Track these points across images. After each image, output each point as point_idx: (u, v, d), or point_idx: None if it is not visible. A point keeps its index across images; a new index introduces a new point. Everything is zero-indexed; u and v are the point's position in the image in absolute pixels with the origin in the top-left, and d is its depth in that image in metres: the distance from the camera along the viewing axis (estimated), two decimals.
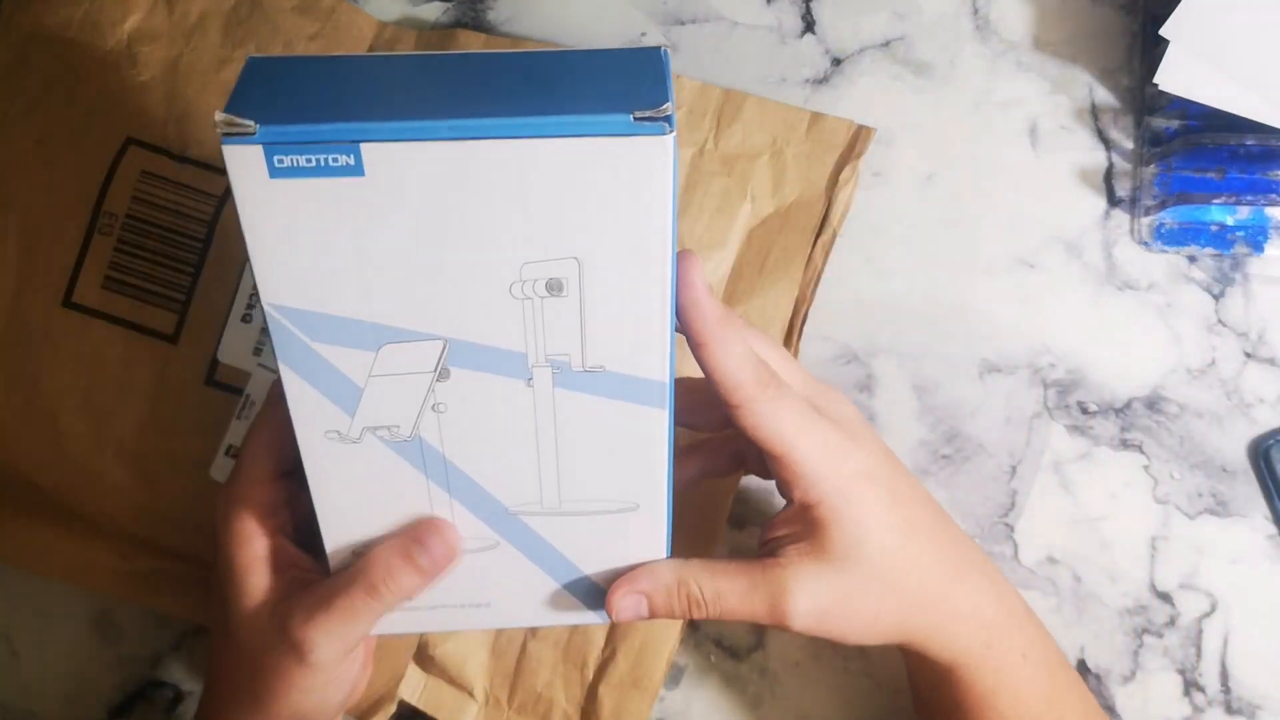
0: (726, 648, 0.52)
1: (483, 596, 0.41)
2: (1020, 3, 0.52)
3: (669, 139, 0.32)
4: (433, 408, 0.37)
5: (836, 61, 0.53)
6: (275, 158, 0.31)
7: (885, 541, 0.40)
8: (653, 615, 0.40)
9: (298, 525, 0.42)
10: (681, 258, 0.36)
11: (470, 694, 0.51)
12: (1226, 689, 0.50)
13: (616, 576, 0.41)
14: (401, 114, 0.32)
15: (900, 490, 0.41)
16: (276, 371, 0.36)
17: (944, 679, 0.42)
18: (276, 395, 0.40)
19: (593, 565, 0.41)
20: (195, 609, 0.52)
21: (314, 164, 0.32)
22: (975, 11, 0.53)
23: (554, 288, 0.34)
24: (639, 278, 0.34)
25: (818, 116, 0.51)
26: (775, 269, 0.51)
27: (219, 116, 0.31)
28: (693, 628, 0.52)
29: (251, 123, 0.31)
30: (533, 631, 0.51)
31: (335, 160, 0.32)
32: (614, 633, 0.50)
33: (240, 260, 0.51)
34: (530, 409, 0.37)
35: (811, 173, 0.51)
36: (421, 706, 0.51)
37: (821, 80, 0.53)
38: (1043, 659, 0.43)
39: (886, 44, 0.53)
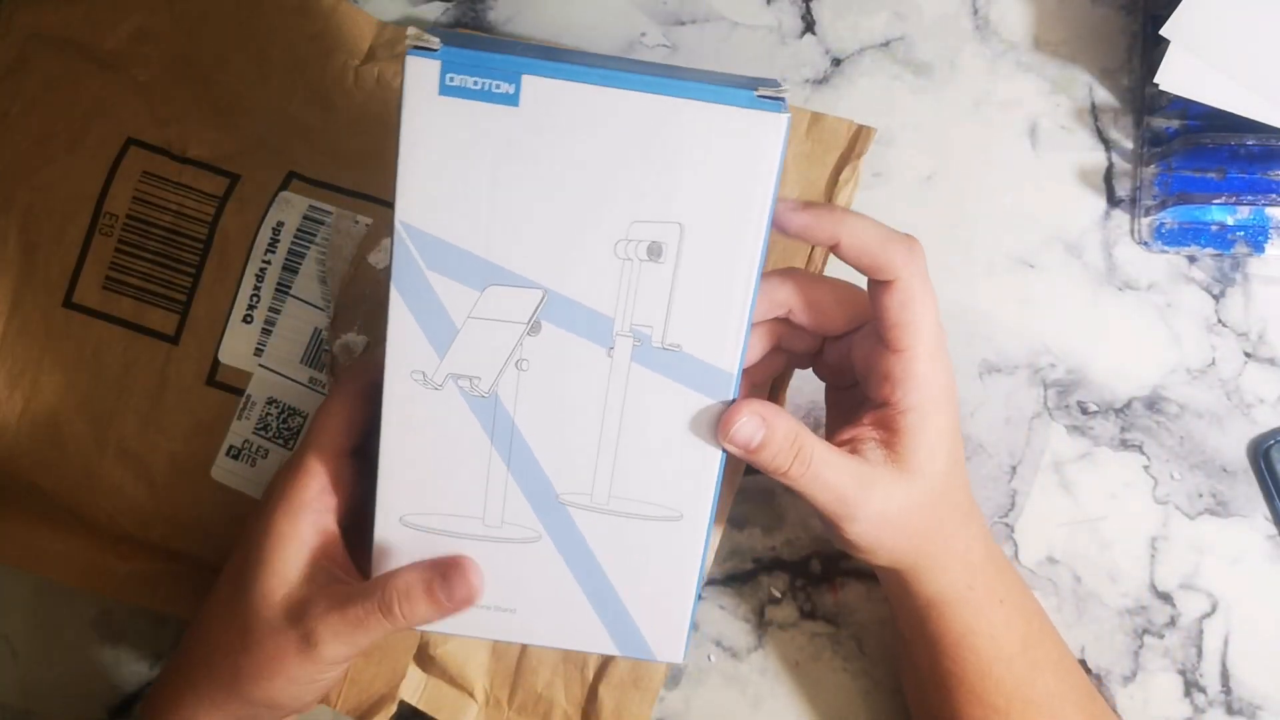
0: (726, 648, 0.52)
1: (511, 601, 0.41)
2: (1020, 3, 0.52)
3: (784, 117, 0.36)
4: (516, 364, 0.38)
5: (836, 61, 0.53)
6: (448, 75, 0.35)
7: (944, 466, 0.41)
8: (760, 449, 0.39)
9: (348, 509, 0.43)
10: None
11: (471, 694, 0.51)
12: (1227, 689, 0.50)
13: (641, 605, 0.41)
14: (560, 61, 0.36)
15: (956, 419, 0.42)
16: (282, 374, 0.36)
17: (925, 615, 0.44)
18: (359, 366, 0.41)
19: (624, 580, 0.41)
20: (195, 609, 0.52)
21: (479, 87, 0.35)
22: (975, 11, 0.53)
23: (654, 252, 0.37)
24: (731, 253, 0.37)
25: (818, 116, 0.51)
26: (776, 269, 0.51)
27: (412, 31, 0.35)
28: (693, 628, 0.52)
29: (437, 40, 0.35)
30: None
31: (498, 87, 0.35)
32: None
33: (241, 261, 0.51)
34: (605, 380, 0.39)
35: (812, 173, 0.51)
36: (422, 707, 0.51)
37: (821, 80, 0.53)
38: (1019, 606, 0.45)
39: (886, 44, 0.53)
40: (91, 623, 0.54)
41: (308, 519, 0.41)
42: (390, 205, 0.51)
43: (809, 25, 0.53)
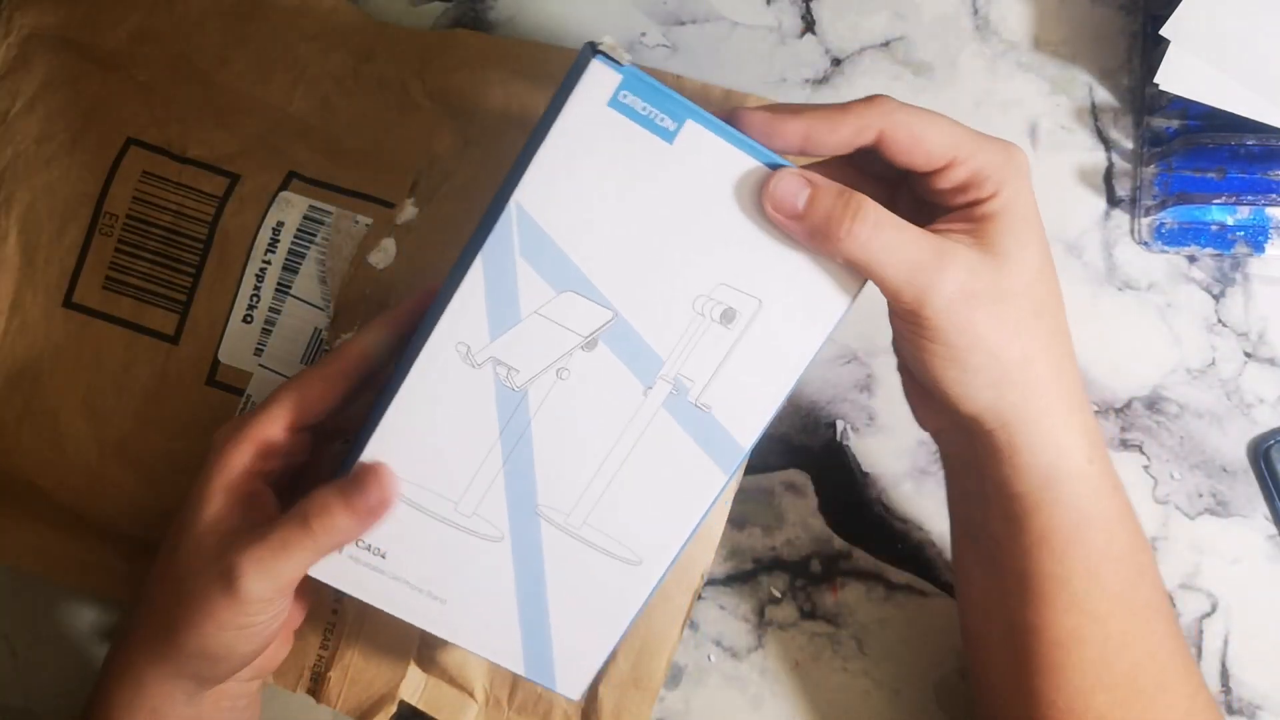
0: (726, 648, 0.52)
1: (446, 591, 0.41)
2: (1020, 3, 0.52)
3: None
4: (558, 371, 0.39)
5: (836, 61, 0.53)
6: (623, 92, 0.36)
7: (1037, 261, 0.37)
8: (809, 210, 0.36)
9: (289, 479, 0.42)
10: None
11: (470, 694, 0.51)
12: (1227, 689, 0.50)
13: (565, 635, 0.41)
14: (725, 126, 0.37)
15: (1051, 263, 0.38)
16: (282, 374, 0.36)
17: (1036, 499, 0.38)
18: (337, 353, 0.41)
19: (561, 605, 0.41)
20: None
21: (645, 113, 0.36)
22: (975, 11, 0.53)
23: (728, 317, 0.39)
24: (791, 346, 0.39)
25: None
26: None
27: (609, 39, 0.36)
28: (693, 628, 0.52)
29: (629, 57, 0.36)
30: None
31: (661, 120, 0.37)
32: None
33: (241, 261, 0.51)
34: (631, 414, 0.40)
35: None
36: (422, 707, 0.51)
37: (821, 80, 0.53)
38: (1125, 498, 0.39)
39: (886, 44, 0.53)
40: (91, 623, 0.54)
41: (240, 477, 0.40)
42: (389, 205, 0.51)
43: (809, 25, 0.53)
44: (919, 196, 0.39)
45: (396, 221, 0.51)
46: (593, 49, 0.36)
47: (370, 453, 0.40)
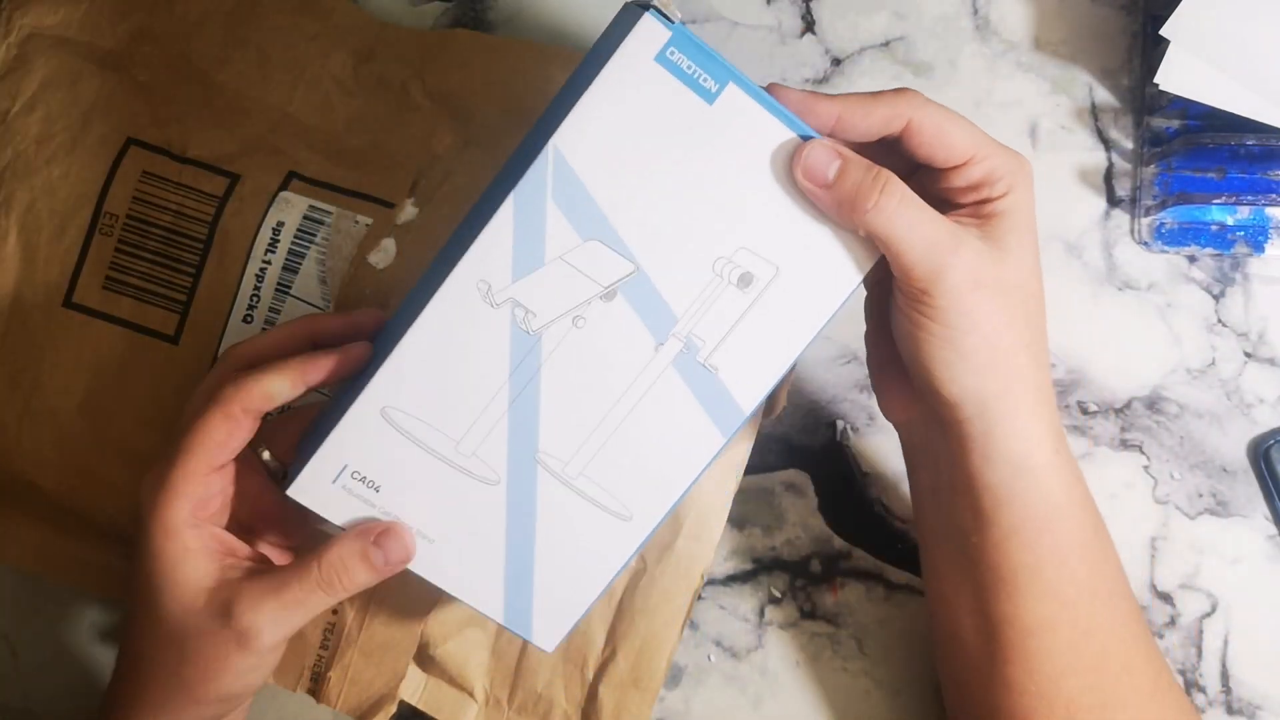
0: (726, 648, 0.52)
1: (435, 530, 0.41)
2: (1020, 3, 0.52)
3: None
4: (574, 318, 0.39)
5: (836, 61, 0.53)
6: (670, 48, 0.36)
7: (1033, 264, 0.39)
8: (839, 180, 0.37)
9: (235, 513, 0.43)
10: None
11: (470, 694, 0.51)
12: (1227, 689, 0.50)
13: (547, 586, 0.41)
14: (764, 94, 0.38)
15: (1040, 275, 0.40)
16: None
17: (1008, 489, 0.39)
18: (239, 387, 0.40)
19: (547, 554, 0.41)
20: None
21: (690, 71, 0.37)
22: (975, 11, 0.53)
23: (745, 281, 0.39)
24: (804, 315, 0.40)
25: None
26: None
27: None
28: (693, 628, 0.52)
29: (679, 15, 0.37)
30: None
31: (705, 80, 0.37)
32: (614, 633, 0.50)
33: (241, 261, 0.51)
34: (640, 368, 0.40)
35: None
36: (422, 707, 0.51)
37: (821, 80, 0.53)
38: (1085, 489, 0.41)
39: (886, 44, 0.53)
40: (91, 623, 0.54)
41: (191, 534, 0.40)
42: (389, 205, 0.51)
43: (809, 25, 0.53)
44: (929, 191, 0.39)
45: (396, 221, 0.51)
46: (641, 4, 0.36)
47: (380, 380, 0.39)
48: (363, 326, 0.44)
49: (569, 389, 0.40)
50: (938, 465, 0.42)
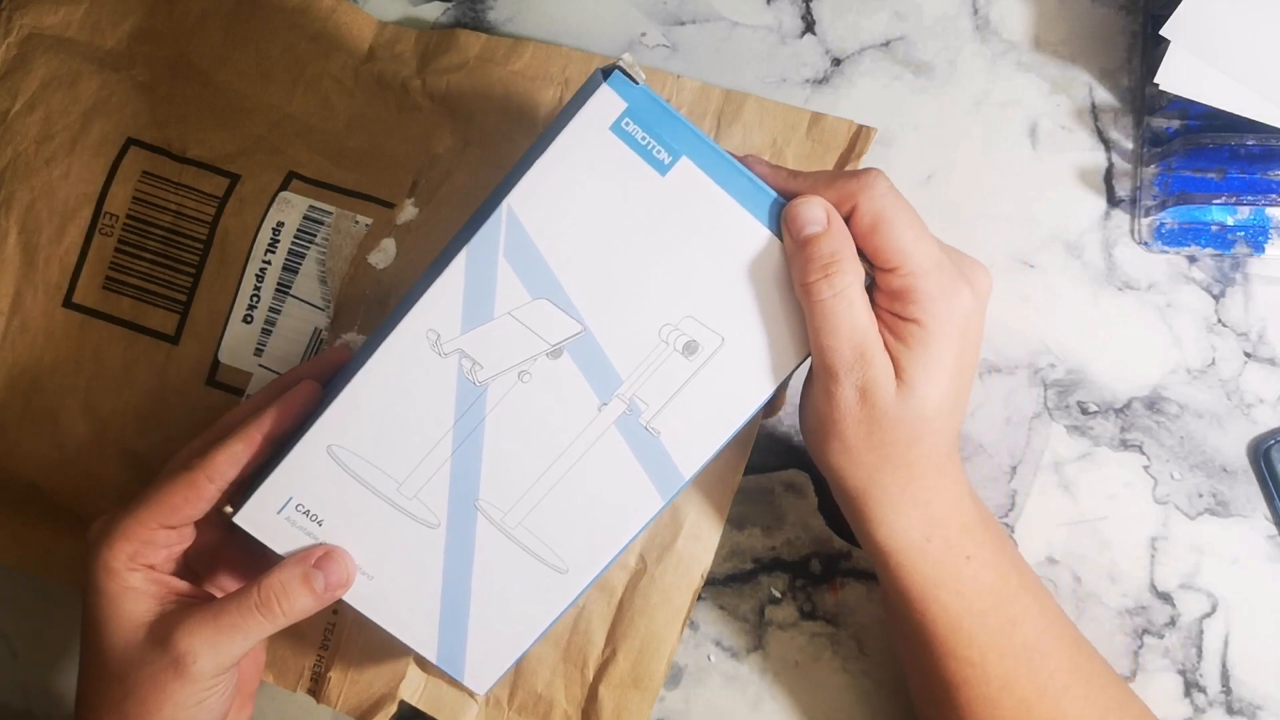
0: (726, 648, 0.52)
1: (375, 567, 0.42)
2: (1020, 3, 0.52)
3: None
4: (519, 373, 0.40)
5: (836, 61, 0.53)
6: (626, 119, 0.38)
7: (938, 399, 0.40)
8: (820, 239, 0.38)
9: (181, 563, 0.43)
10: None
11: (470, 694, 0.51)
12: (1227, 689, 0.50)
13: (481, 630, 0.42)
14: (719, 166, 0.39)
15: (970, 356, 0.41)
16: (277, 372, 0.36)
17: (883, 563, 0.43)
18: (207, 460, 0.41)
19: (483, 601, 0.42)
20: None
21: (644, 142, 0.38)
22: (975, 11, 0.53)
23: (690, 349, 0.40)
24: (746, 389, 0.40)
25: (818, 117, 0.51)
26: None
27: (629, 58, 0.38)
28: (693, 628, 0.52)
29: (643, 78, 0.38)
30: None
31: (659, 152, 0.38)
32: (614, 633, 0.50)
33: (241, 261, 0.51)
34: (582, 427, 0.41)
35: None
36: (422, 707, 0.51)
37: (821, 80, 0.53)
38: (990, 563, 0.43)
39: (886, 44, 0.53)
40: None
41: (132, 575, 0.41)
42: (389, 205, 0.51)
43: (809, 25, 0.53)
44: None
45: (396, 221, 0.51)
46: (604, 73, 0.37)
47: (328, 419, 0.40)
48: (329, 364, 0.45)
49: (512, 441, 0.41)
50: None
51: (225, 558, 0.45)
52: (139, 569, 0.41)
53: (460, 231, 0.41)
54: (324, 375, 0.44)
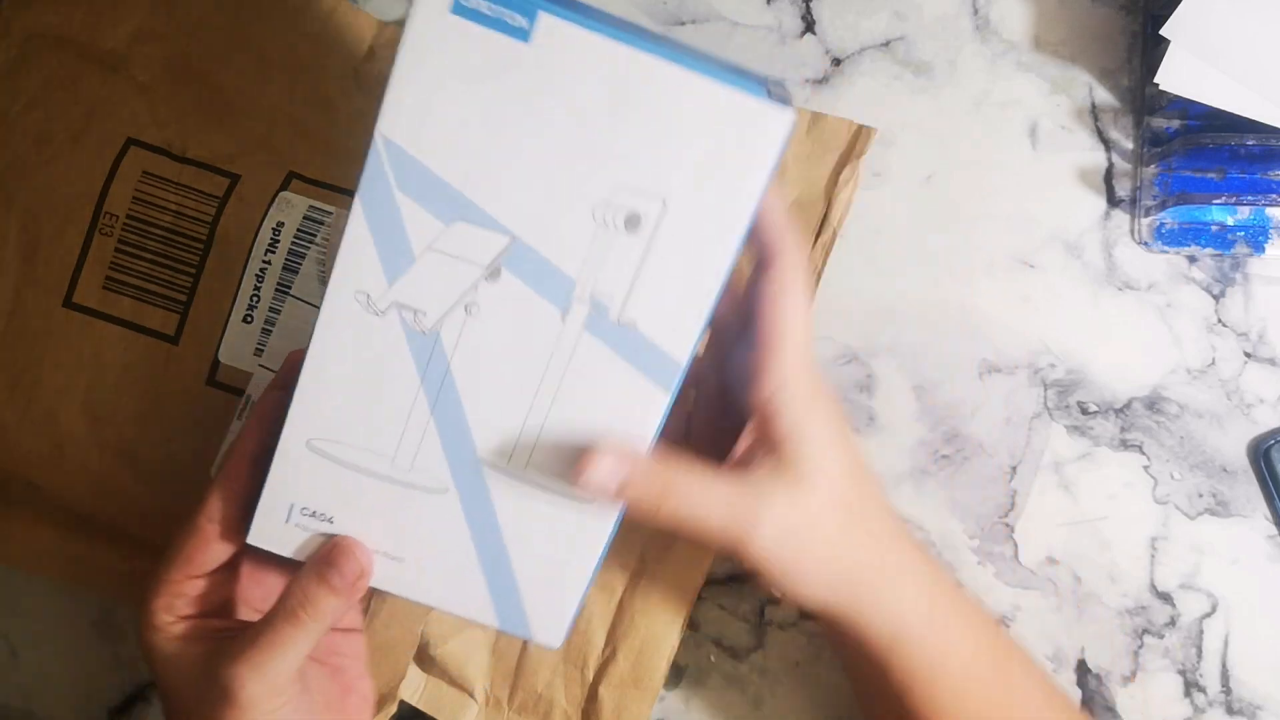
0: (726, 648, 0.52)
1: (400, 549, 0.40)
2: (1020, 3, 0.52)
3: (790, 112, 0.34)
4: (465, 306, 0.37)
5: (836, 61, 0.53)
6: None
7: (841, 472, 0.39)
8: (620, 494, 0.38)
9: (233, 597, 0.43)
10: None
11: (470, 694, 0.51)
12: (1227, 689, 0.50)
13: (532, 583, 0.40)
14: (581, 8, 0.34)
15: (841, 423, 0.40)
16: (273, 372, 0.36)
17: (888, 655, 0.41)
18: (193, 528, 0.41)
19: (521, 553, 0.40)
20: None
21: (493, 14, 0.34)
22: (975, 11, 0.53)
23: (632, 223, 0.36)
24: (709, 242, 0.36)
25: (818, 116, 0.51)
26: None
27: None
28: (693, 628, 0.52)
29: None
30: None
31: (512, 18, 0.34)
32: (614, 633, 0.50)
33: (241, 261, 0.51)
34: (553, 343, 0.37)
35: (812, 173, 0.51)
36: (422, 707, 0.51)
37: (821, 80, 0.53)
38: (974, 620, 0.43)
39: (886, 44, 0.53)
40: (91, 623, 0.54)
41: (177, 626, 0.41)
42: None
43: (809, 25, 0.53)
44: None
45: None
46: None
47: (294, 416, 0.38)
48: (292, 366, 0.43)
49: (487, 381, 0.38)
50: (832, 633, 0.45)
51: (274, 578, 0.45)
52: (179, 621, 0.41)
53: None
54: (291, 380, 0.43)
